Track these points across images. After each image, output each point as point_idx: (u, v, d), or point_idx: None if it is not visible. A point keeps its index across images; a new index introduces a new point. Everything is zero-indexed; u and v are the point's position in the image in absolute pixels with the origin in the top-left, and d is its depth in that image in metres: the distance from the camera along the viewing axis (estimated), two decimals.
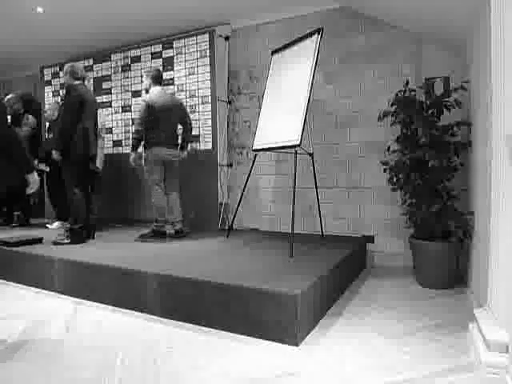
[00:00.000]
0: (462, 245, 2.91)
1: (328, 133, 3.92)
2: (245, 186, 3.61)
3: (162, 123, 3.60)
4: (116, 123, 5.08)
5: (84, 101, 3.48)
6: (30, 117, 4.79)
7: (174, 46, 4.55)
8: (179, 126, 3.82)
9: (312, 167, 3.52)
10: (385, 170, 3.21)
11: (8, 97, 4.72)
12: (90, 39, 4.82)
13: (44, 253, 3.10)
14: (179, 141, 3.81)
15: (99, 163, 4.27)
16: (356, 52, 3.77)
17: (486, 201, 2.13)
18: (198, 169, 4.36)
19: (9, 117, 4.68)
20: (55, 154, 3.48)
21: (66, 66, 3.63)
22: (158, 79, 3.71)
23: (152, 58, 4.73)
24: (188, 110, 4.07)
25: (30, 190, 2.29)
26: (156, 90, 3.66)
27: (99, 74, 5.18)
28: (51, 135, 4.48)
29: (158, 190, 3.63)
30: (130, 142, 3.64)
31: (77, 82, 3.56)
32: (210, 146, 4.32)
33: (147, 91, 3.71)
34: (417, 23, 3.34)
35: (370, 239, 3.71)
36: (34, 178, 2.28)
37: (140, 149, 3.67)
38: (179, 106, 3.79)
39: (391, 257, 3.64)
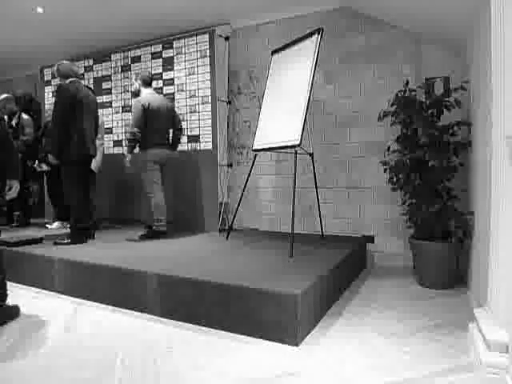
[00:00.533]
0: (462, 245, 2.91)
1: (328, 133, 3.92)
2: (245, 186, 3.61)
3: (159, 124, 3.67)
4: (116, 123, 5.08)
5: (77, 100, 3.40)
6: (26, 117, 4.74)
7: (174, 45, 4.55)
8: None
9: (312, 167, 3.52)
10: (385, 170, 3.21)
11: (1, 97, 4.64)
12: (89, 39, 4.82)
13: (44, 253, 3.10)
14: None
15: (95, 165, 4.19)
16: (356, 52, 3.77)
17: (486, 201, 2.13)
18: (198, 169, 4.37)
19: (5, 117, 4.65)
20: (51, 158, 3.47)
21: (54, 67, 3.56)
22: (147, 82, 3.77)
23: (152, 58, 4.73)
24: (178, 114, 4.12)
25: (8, 196, 2.32)
26: (148, 93, 3.72)
27: (99, 74, 5.18)
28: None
29: (157, 189, 3.66)
30: (128, 143, 3.59)
31: (68, 81, 3.48)
32: (210, 146, 4.32)
33: (138, 93, 3.77)
34: (417, 23, 3.34)
35: (370, 239, 3.71)
36: (16, 186, 2.32)
37: (136, 150, 3.69)
38: (171, 110, 3.88)
39: (391, 257, 3.64)
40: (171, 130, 3.88)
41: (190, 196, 4.40)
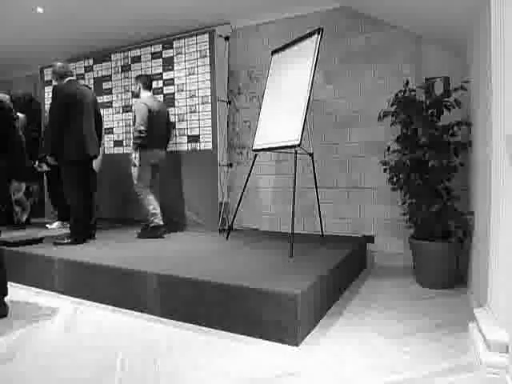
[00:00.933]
0: (462, 245, 2.91)
1: (328, 133, 3.92)
2: (245, 186, 3.61)
3: (156, 126, 3.75)
4: (117, 123, 5.08)
5: (77, 100, 3.38)
6: (21, 116, 4.71)
7: (174, 45, 4.55)
8: None
9: (312, 167, 3.52)
10: (385, 170, 3.20)
11: None
12: (89, 39, 4.82)
13: (44, 253, 3.10)
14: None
15: (96, 165, 4.17)
16: (356, 52, 3.77)
17: (486, 201, 2.13)
18: (198, 169, 4.37)
19: None
20: (50, 159, 3.47)
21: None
22: (147, 85, 3.87)
23: (152, 58, 4.73)
24: (178, 114, 4.31)
25: (17, 196, 2.33)
26: (147, 96, 3.81)
27: (99, 74, 5.18)
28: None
29: (149, 189, 3.77)
30: (135, 141, 3.61)
31: (65, 81, 3.47)
32: (210, 146, 4.31)
33: (137, 95, 3.87)
34: (417, 23, 3.34)
35: (370, 239, 3.71)
36: (23, 186, 2.33)
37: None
38: (167, 113, 4.02)
39: (391, 257, 3.64)
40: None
41: (190, 196, 4.40)
